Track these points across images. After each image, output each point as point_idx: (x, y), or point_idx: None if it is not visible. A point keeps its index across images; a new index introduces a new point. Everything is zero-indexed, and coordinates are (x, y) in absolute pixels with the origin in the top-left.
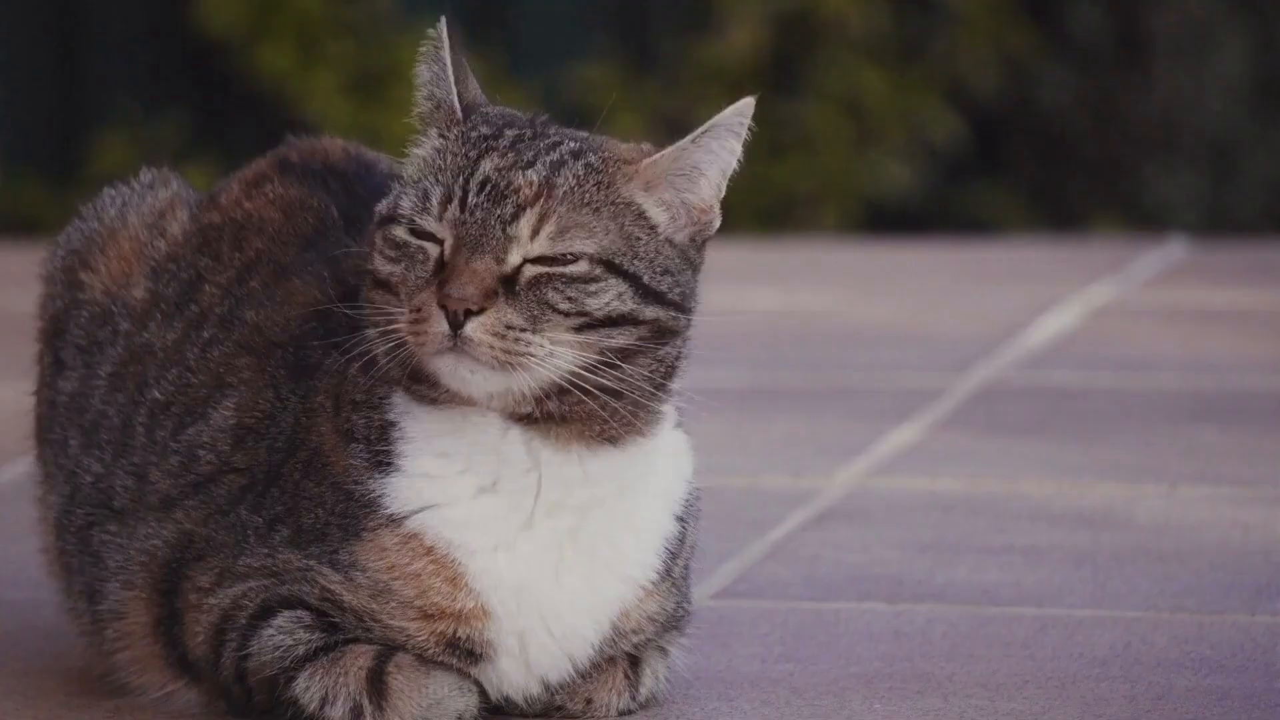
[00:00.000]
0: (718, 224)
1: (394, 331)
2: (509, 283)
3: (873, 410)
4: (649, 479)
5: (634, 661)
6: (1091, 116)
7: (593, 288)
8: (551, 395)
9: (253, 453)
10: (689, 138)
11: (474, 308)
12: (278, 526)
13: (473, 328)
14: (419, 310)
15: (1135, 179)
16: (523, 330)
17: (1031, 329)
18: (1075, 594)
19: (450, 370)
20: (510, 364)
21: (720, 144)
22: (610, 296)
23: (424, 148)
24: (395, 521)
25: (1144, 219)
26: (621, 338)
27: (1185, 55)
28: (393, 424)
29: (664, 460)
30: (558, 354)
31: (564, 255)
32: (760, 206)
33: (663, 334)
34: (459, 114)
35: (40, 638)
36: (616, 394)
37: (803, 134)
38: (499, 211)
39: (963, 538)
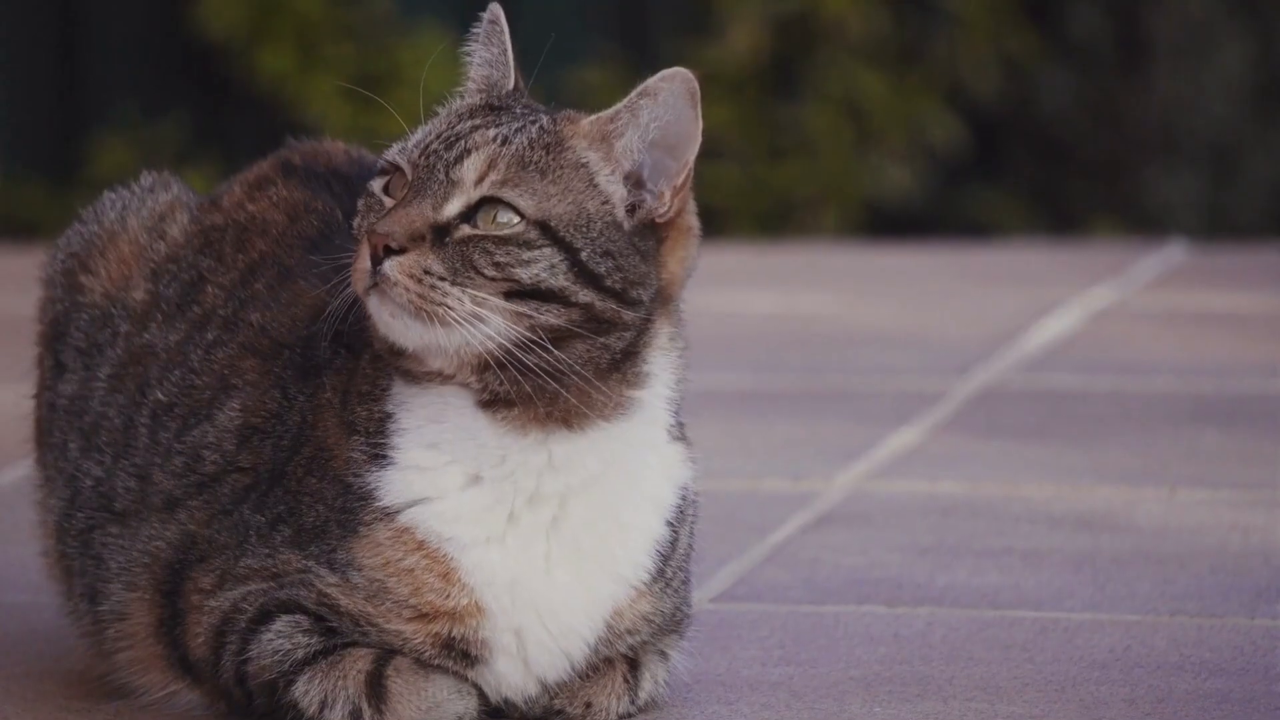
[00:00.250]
0: (663, 211)
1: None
2: (442, 233)
3: (872, 413)
4: (634, 479)
5: (633, 665)
6: (1091, 119)
7: (525, 254)
8: (490, 368)
9: (258, 452)
10: (620, 104)
11: (394, 245)
12: (279, 526)
13: (390, 265)
14: (358, 251)
15: (1135, 181)
16: (441, 279)
17: (1031, 332)
18: (1075, 597)
19: (376, 311)
20: (426, 312)
21: (659, 105)
22: (541, 267)
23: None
24: (389, 515)
25: (1144, 222)
26: (551, 316)
27: (1185, 57)
28: (390, 415)
29: (654, 464)
30: (485, 318)
31: (500, 200)
32: (760, 209)
33: (600, 322)
34: (510, 87)
35: (41, 640)
36: (555, 375)
37: (802, 137)
38: (447, 156)
39: (962, 541)
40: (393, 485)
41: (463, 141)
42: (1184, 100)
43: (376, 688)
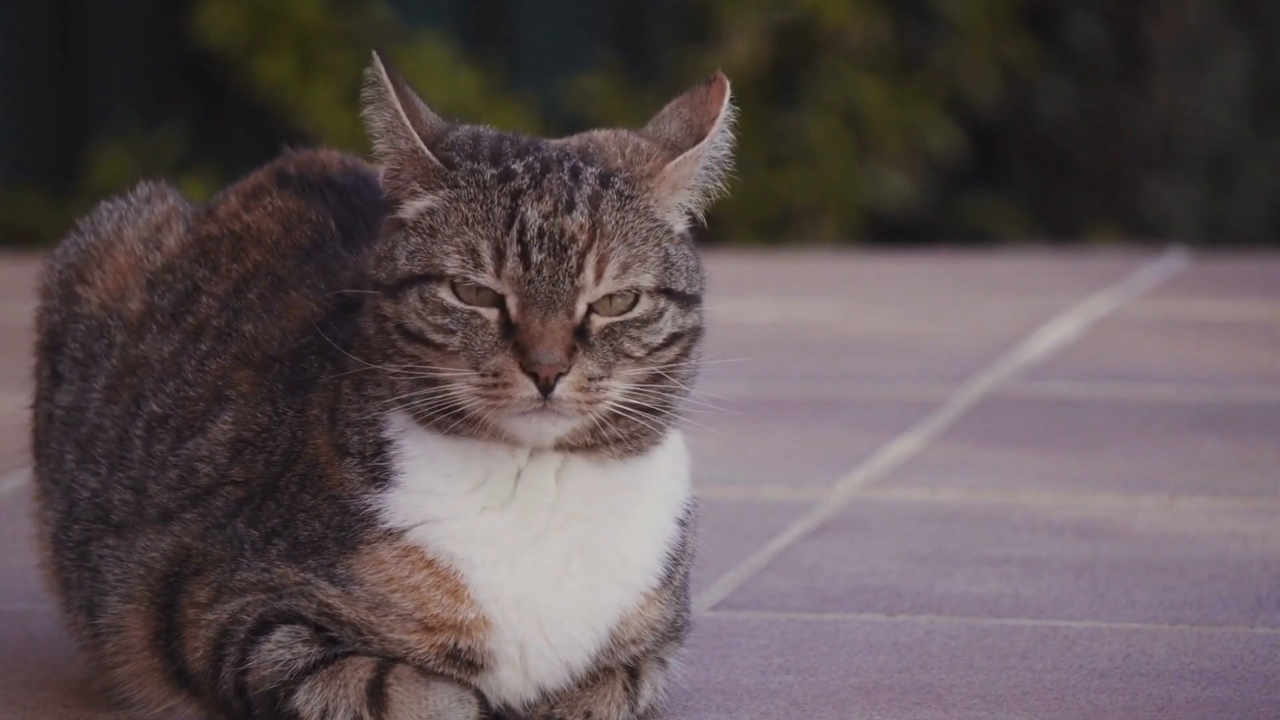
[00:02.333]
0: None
1: (448, 390)
2: (582, 333)
3: (872, 421)
4: (652, 485)
5: (633, 673)
6: (1091, 128)
7: (660, 324)
8: (607, 423)
9: (250, 466)
10: (706, 139)
11: (564, 370)
12: (274, 540)
13: (562, 388)
14: (497, 375)
15: (1134, 190)
16: (601, 378)
17: (1031, 340)
18: (1074, 605)
19: (532, 428)
20: (590, 412)
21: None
22: (668, 325)
23: (422, 201)
24: (393, 535)
25: (1143, 230)
26: (672, 352)
27: (1184, 67)
28: (389, 442)
29: (667, 466)
30: (621, 386)
31: (627, 291)
32: (760, 218)
33: (697, 333)
34: (436, 164)
35: (41, 649)
36: (661, 406)
37: (802, 145)
38: (564, 266)
39: (962, 549)
40: (398, 506)
41: (571, 249)
42: (1183, 109)
43: (377, 696)
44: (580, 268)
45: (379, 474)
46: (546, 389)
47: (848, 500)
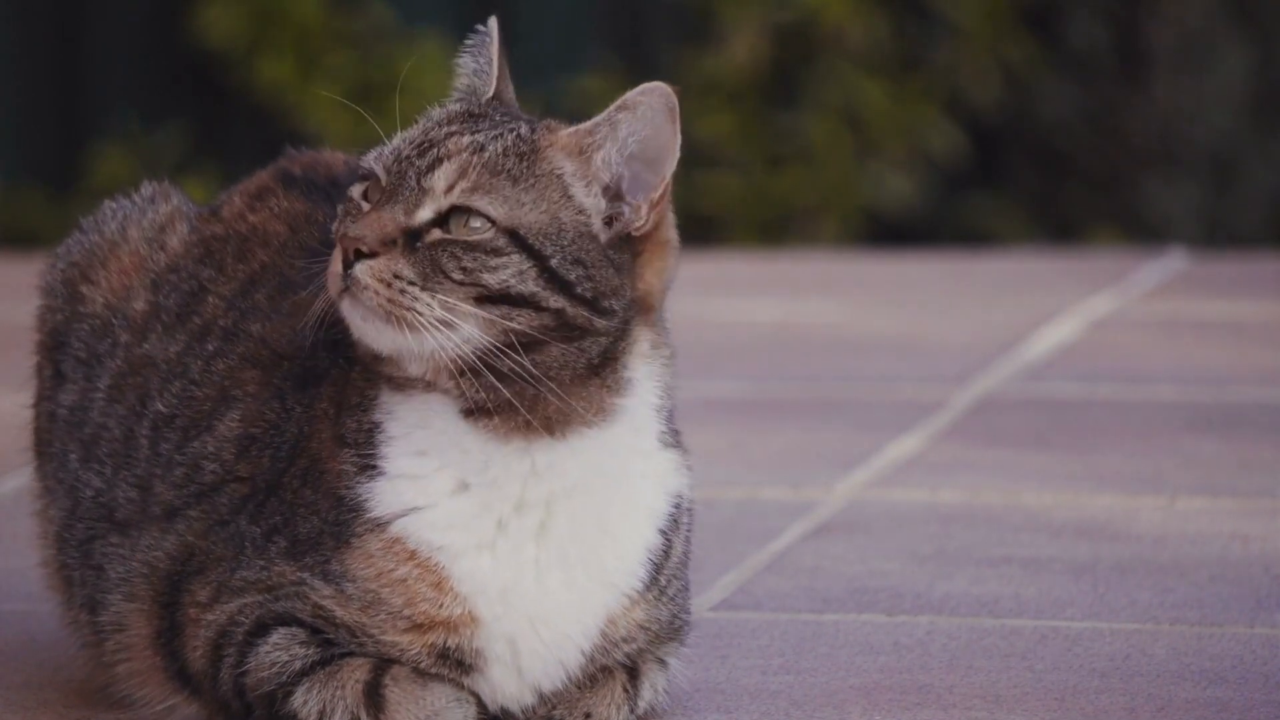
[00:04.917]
0: (640, 225)
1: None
2: (414, 238)
3: (872, 422)
4: (622, 487)
5: (632, 674)
6: (1091, 129)
7: (493, 261)
8: (465, 373)
9: (256, 461)
10: (601, 116)
11: (364, 248)
12: (274, 537)
13: (360, 269)
14: (332, 256)
15: (1135, 191)
16: (410, 284)
17: (1031, 340)
18: (1075, 606)
19: (349, 314)
20: (396, 316)
21: (637, 118)
22: (509, 273)
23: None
24: (379, 526)
25: (1143, 231)
26: (522, 321)
27: (1185, 68)
28: (378, 424)
29: (645, 471)
30: (455, 324)
31: (471, 208)
32: (760, 218)
33: (572, 329)
34: (489, 95)
35: (41, 649)
36: (531, 381)
37: (802, 146)
38: (420, 163)
39: (962, 549)
40: (383, 496)
41: (436, 149)
42: (1183, 110)
43: (374, 697)
44: (432, 168)
45: (369, 460)
46: (347, 264)
47: (848, 500)
